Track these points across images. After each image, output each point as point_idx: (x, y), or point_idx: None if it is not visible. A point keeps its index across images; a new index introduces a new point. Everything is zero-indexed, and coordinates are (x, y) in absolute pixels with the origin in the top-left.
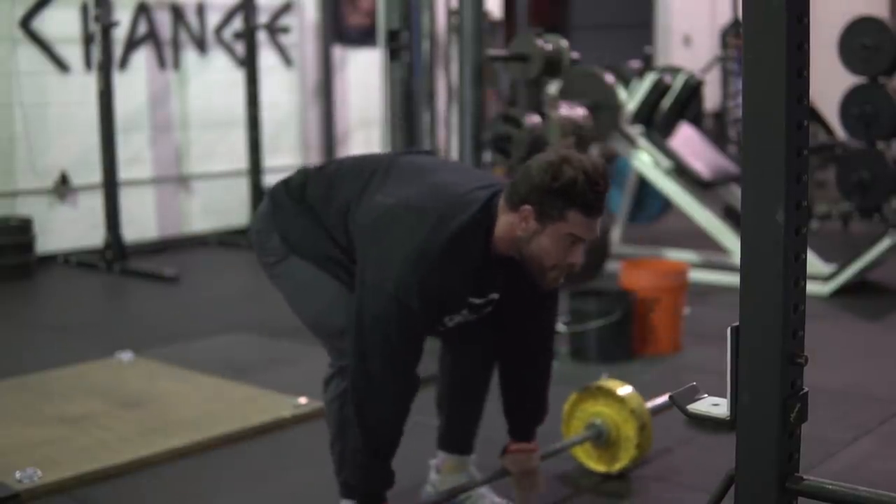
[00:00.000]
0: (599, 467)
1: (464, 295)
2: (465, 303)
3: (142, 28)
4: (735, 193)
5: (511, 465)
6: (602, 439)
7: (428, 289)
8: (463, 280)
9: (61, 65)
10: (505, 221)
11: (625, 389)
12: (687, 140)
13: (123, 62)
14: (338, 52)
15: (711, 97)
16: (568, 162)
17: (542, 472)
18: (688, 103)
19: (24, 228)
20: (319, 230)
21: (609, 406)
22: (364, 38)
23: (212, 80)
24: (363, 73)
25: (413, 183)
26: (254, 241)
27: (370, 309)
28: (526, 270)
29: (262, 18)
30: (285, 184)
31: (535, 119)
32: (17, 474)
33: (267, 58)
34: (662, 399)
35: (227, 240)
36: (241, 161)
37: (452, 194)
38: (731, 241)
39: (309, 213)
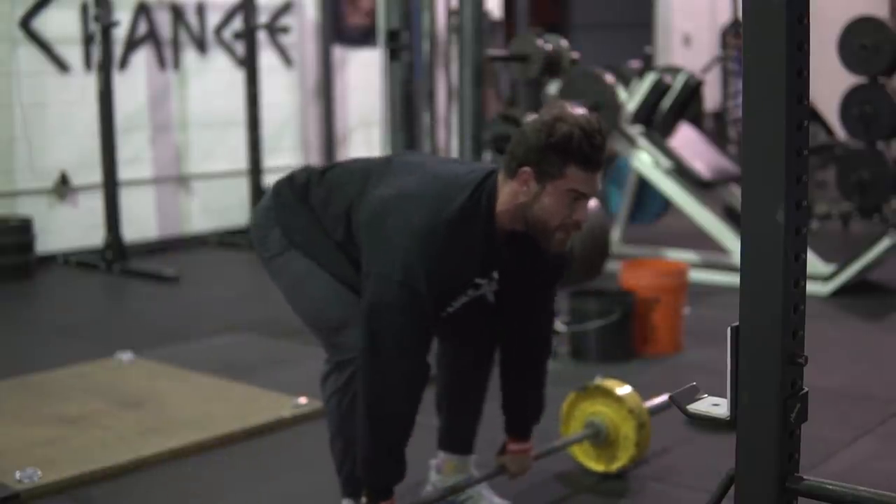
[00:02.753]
0: (598, 467)
1: (469, 274)
2: (470, 283)
3: (142, 28)
4: (735, 193)
5: (509, 465)
6: (601, 438)
7: (433, 271)
8: (468, 259)
9: (61, 65)
10: (506, 193)
11: (623, 389)
12: (687, 140)
13: (123, 62)
14: (338, 52)
15: (711, 97)
16: (562, 119)
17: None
18: (688, 103)
19: (24, 228)
20: (320, 230)
21: (608, 405)
22: (364, 38)
23: (212, 80)
24: (363, 73)
25: (410, 175)
26: (254, 235)
27: (378, 298)
28: (532, 238)
29: (262, 18)
30: (290, 180)
31: None
32: (17, 474)
33: (267, 58)
34: (661, 399)
35: (227, 240)
36: (241, 161)
37: (450, 179)
38: (731, 241)
39: (310, 214)
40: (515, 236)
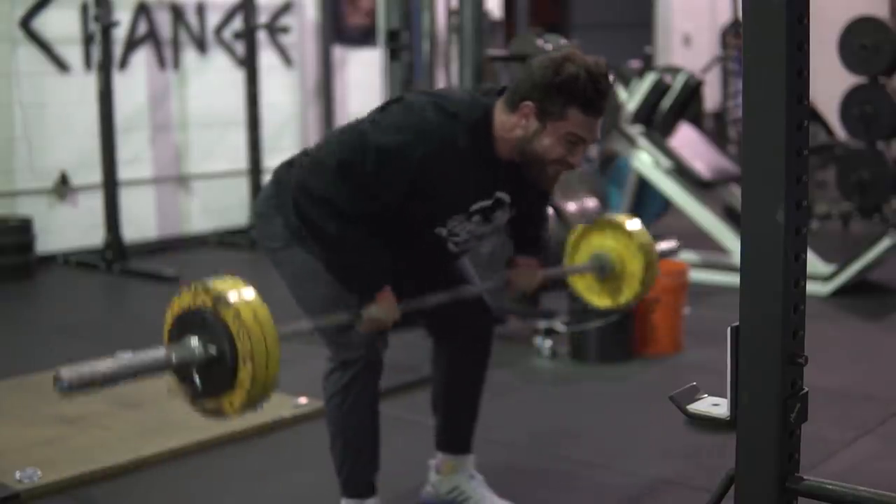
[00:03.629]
0: (601, 302)
1: (464, 189)
2: (468, 200)
3: (142, 28)
4: (735, 193)
5: (516, 278)
6: (605, 272)
7: (410, 153)
8: (463, 171)
9: (61, 65)
10: (503, 121)
11: (634, 223)
12: (687, 140)
13: (123, 62)
14: (338, 52)
15: (711, 97)
16: (570, 59)
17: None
18: (688, 103)
19: (24, 228)
20: None
21: (616, 239)
22: (364, 38)
23: (212, 80)
24: (363, 73)
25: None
26: (256, 225)
27: (348, 142)
28: (525, 172)
29: (262, 18)
30: (289, 165)
31: None
32: (17, 474)
33: (267, 58)
34: (671, 243)
35: (227, 240)
36: (241, 161)
37: (442, 98)
38: (731, 241)
39: None
40: (512, 163)
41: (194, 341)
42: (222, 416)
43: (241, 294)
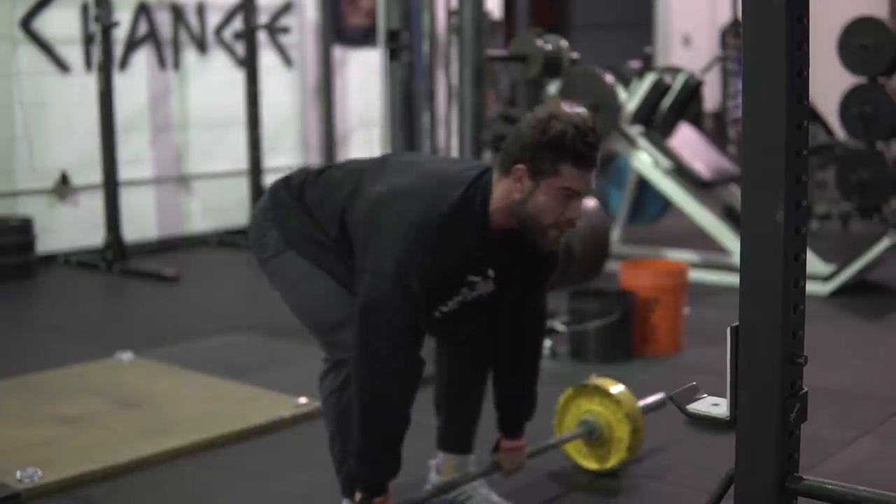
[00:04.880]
0: (590, 465)
1: (463, 272)
2: (464, 280)
3: (142, 28)
4: (735, 193)
5: (503, 462)
6: (594, 437)
7: (426, 267)
8: (461, 256)
9: (61, 65)
10: (500, 190)
11: (619, 389)
12: (687, 140)
13: (123, 62)
14: (338, 52)
15: (711, 97)
16: (556, 117)
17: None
18: (688, 103)
19: (24, 228)
20: (316, 230)
21: (603, 405)
22: (364, 38)
23: (212, 80)
24: (363, 73)
25: (405, 173)
26: (251, 235)
27: (371, 294)
28: (527, 236)
29: (262, 18)
30: (286, 181)
31: None
32: (17, 474)
33: (267, 58)
34: (656, 397)
35: (227, 240)
36: (241, 161)
37: (443, 176)
38: (731, 241)
39: (306, 214)
40: (509, 234)
41: None
42: None
43: None
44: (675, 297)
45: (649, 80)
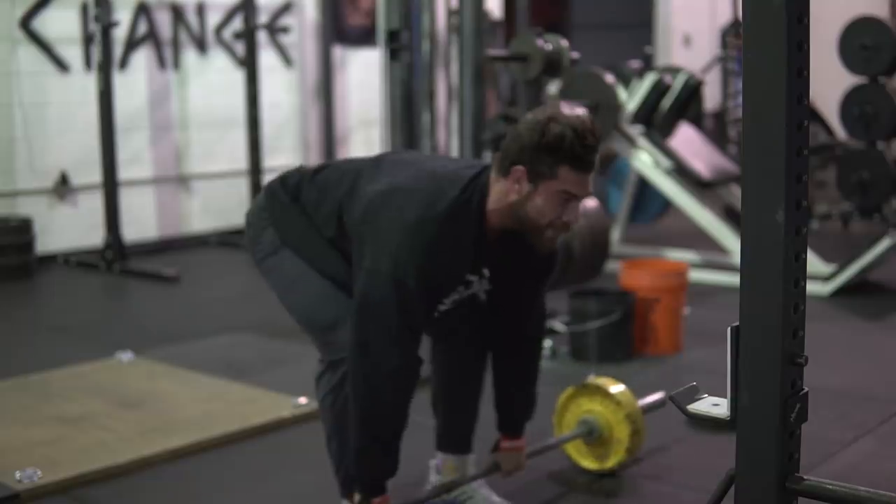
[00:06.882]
0: (589, 464)
1: (460, 271)
2: (461, 279)
3: (142, 28)
4: (735, 193)
5: (503, 463)
6: (593, 437)
7: (424, 266)
8: (458, 255)
9: (61, 65)
10: (497, 190)
11: (619, 389)
12: (687, 140)
13: (123, 62)
14: (338, 52)
15: (711, 97)
16: (555, 119)
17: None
18: (688, 103)
19: (24, 228)
20: (313, 229)
21: (604, 405)
22: (364, 38)
23: (212, 80)
24: (363, 73)
25: (401, 172)
26: (247, 235)
27: (370, 293)
28: (523, 236)
29: (262, 18)
30: (282, 180)
31: None
32: (17, 474)
33: (267, 58)
34: (656, 396)
35: (227, 240)
36: (241, 161)
37: (441, 175)
38: (731, 241)
39: (303, 213)
40: (506, 234)
41: None
42: None
43: None
44: (675, 297)
45: (649, 80)
